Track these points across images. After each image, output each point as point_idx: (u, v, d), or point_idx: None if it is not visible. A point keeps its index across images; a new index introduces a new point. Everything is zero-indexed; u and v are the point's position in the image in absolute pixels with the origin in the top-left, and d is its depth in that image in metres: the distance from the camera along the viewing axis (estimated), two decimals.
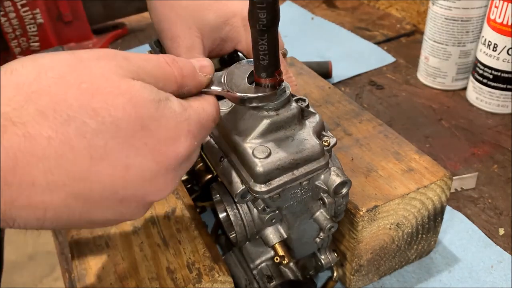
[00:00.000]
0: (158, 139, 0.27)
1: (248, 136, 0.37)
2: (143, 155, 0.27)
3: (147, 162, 0.27)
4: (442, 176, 0.48)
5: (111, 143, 0.26)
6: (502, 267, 0.55)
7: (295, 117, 0.38)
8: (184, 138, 0.29)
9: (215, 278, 0.40)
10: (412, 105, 0.83)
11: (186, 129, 0.29)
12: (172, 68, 0.31)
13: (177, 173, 0.30)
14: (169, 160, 0.28)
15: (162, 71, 0.30)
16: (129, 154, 0.26)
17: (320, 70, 0.87)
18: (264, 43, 0.33)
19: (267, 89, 0.35)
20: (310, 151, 0.37)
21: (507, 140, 0.74)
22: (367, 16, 1.16)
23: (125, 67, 0.28)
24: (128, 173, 0.27)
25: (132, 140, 0.26)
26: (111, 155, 0.26)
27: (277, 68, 0.35)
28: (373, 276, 0.52)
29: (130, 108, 0.26)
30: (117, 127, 0.26)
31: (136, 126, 0.26)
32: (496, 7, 0.72)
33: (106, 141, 0.25)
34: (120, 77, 0.27)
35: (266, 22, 0.31)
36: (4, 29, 0.97)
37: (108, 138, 0.26)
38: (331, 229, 0.43)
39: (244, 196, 0.38)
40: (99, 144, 0.25)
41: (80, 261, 0.43)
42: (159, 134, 0.28)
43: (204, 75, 0.33)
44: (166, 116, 0.28)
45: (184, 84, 0.32)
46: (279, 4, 0.32)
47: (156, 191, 0.29)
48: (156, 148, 0.28)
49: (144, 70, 0.29)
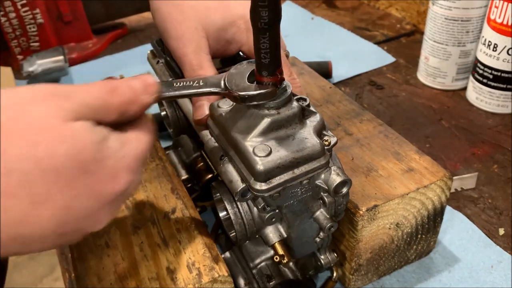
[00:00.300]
0: (98, 180, 0.28)
1: (249, 134, 0.37)
2: (83, 196, 0.28)
3: (87, 201, 0.28)
4: (442, 176, 0.48)
5: (53, 188, 0.26)
6: (502, 267, 0.55)
7: (296, 116, 0.38)
8: (122, 174, 0.30)
9: (215, 278, 0.40)
10: (412, 105, 0.83)
11: (125, 166, 0.30)
12: (113, 98, 0.31)
13: (116, 205, 0.31)
14: (108, 196, 0.29)
15: (103, 102, 0.30)
16: (70, 197, 0.27)
17: (320, 70, 0.87)
18: (265, 42, 0.33)
19: (268, 87, 0.35)
20: (311, 150, 0.37)
21: (507, 140, 0.74)
22: (367, 16, 1.16)
23: (66, 107, 0.28)
24: (68, 213, 0.28)
25: (74, 183, 0.27)
26: (52, 199, 0.26)
27: (278, 67, 0.35)
28: (372, 276, 0.52)
29: (72, 154, 0.27)
30: (59, 173, 0.26)
31: (78, 171, 0.27)
32: (496, 7, 0.72)
33: (48, 187, 0.26)
34: (61, 121, 0.27)
35: (267, 20, 0.31)
36: (4, 29, 0.97)
37: (50, 183, 0.26)
38: (331, 228, 0.43)
39: (244, 195, 0.38)
40: (41, 191, 0.26)
41: (80, 261, 0.43)
42: (99, 175, 0.28)
43: (148, 96, 0.33)
44: (105, 156, 0.29)
45: (125, 111, 0.32)
46: (281, 2, 0.32)
47: (95, 223, 0.30)
48: (96, 188, 0.28)
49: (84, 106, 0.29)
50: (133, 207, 0.47)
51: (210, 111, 0.42)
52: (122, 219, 0.46)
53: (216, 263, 0.41)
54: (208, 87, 0.37)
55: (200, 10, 0.46)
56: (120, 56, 1.04)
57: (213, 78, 0.38)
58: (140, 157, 0.32)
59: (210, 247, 0.43)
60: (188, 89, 0.37)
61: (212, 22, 0.46)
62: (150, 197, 0.48)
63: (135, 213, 0.47)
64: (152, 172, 0.52)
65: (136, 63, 0.96)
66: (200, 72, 0.44)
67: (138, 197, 0.48)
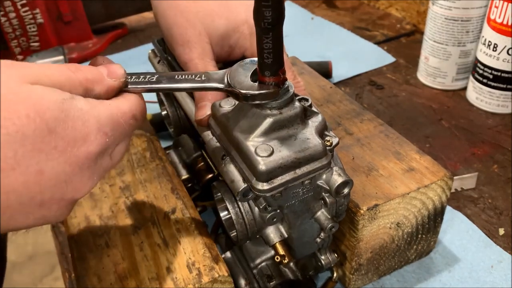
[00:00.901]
0: (67, 141, 0.28)
1: (251, 134, 0.37)
2: (54, 159, 0.27)
3: (59, 165, 0.28)
4: (442, 176, 0.48)
5: (20, 151, 0.26)
6: (502, 267, 0.55)
7: (298, 116, 0.38)
8: (94, 136, 0.29)
9: (215, 278, 0.40)
10: (412, 105, 0.83)
11: (96, 127, 0.29)
12: (76, 74, 0.30)
13: (95, 170, 0.31)
14: (81, 160, 0.29)
15: (66, 77, 0.30)
16: (40, 160, 0.27)
17: (320, 70, 0.87)
18: (268, 42, 0.33)
19: (270, 87, 0.35)
20: (313, 150, 0.37)
21: (507, 140, 0.74)
22: (367, 16, 1.16)
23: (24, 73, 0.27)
24: (42, 178, 0.27)
25: (41, 145, 0.26)
26: (22, 163, 0.26)
27: (281, 67, 0.35)
28: (372, 275, 0.52)
29: (33, 114, 0.26)
30: (24, 135, 0.26)
31: (43, 131, 0.26)
32: (496, 7, 0.72)
33: (15, 151, 0.26)
34: (19, 83, 0.27)
35: (271, 20, 0.31)
36: (4, 29, 0.97)
37: (17, 147, 0.26)
38: (332, 229, 0.43)
39: (246, 195, 0.38)
40: (9, 155, 0.25)
41: (80, 261, 0.43)
42: (67, 135, 0.28)
43: (113, 80, 0.33)
44: (72, 116, 0.28)
45: (90, 88, 0.31)
46: (284, 2, 0.32)
47: (74, 190, 0.30)
48: (66, 150, 0.28)
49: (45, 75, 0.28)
50: (133, 207, 0.47)
51: (212, 111, 0.42)
52: (122, 219, 0.46)
53: (216, 263, 0.41)
54: (211, 82, 0.37)
55: (204, 15, 0.46)
56: (120, 56, 1.04)
57: (216, 73, 0.38)
58: (117, 121, 0.31)
59: (210, 247, 0.43)
60: (190, 83, 0.37)
61: (216, 28, 0.46)
62: (150, 197, 0.48)
63: (135, 213, 0.47)
64: (152, 172, 0.52)
65: (136, 63, 0.96)
66: None
67: (138, 197, 0.48)
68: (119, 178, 0.51)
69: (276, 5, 0.31)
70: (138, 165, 0.53)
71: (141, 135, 0.58)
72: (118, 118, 0.31)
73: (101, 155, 0.31)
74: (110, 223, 0.46)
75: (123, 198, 0.49)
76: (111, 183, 0.51)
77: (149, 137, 0.57)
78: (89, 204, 0.48)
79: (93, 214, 0.47)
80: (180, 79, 0.37)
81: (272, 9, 0.31)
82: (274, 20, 0.31)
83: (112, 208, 0.48)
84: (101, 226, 0.46)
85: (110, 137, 0.31)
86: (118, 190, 0.50)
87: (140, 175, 0.51)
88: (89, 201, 0.49)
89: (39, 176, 0.27)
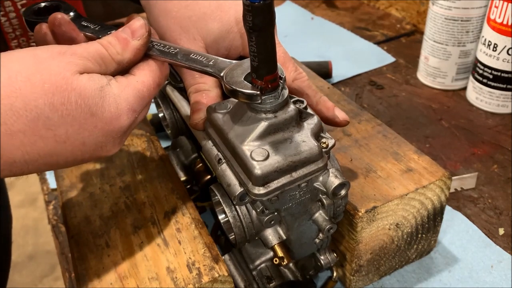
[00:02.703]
0: (104, 121, 0.35)
1: (246, 138, 0.37)
2: (95, 134, 0.35)
3: (97, 138, 0.35)
4: (441, 176, 0.48)
5: (70, 130, 0.33)
6: (502, 267, 0.55)
7: (293, 119, 0.38)
8: (125, 115, 0.36)
9: (215, 278, 0.40)
10: (412, 105, 0.83)
11: (126, 108, 0.36)
12: (108, 51, 0.37)
13: (123, 137, 0.38)
14: (115, 133, 0.36)
15: (101, 57, 0.36)
16: (84, 136, 0.34)
17: (320, 70, 0.87)
18: (253, 45, 0.33)
19: (255, 89, 0.36)
20: (308, 153, 0.37)
21: (507, 140, 0.74)
22: (367, 16, 1.16)
23: (74, 62, 0.34)
24: (84, 147, 0.35)
25: (85, 125, 0.34)
26: (71, 138, 0.34)
27: (268, 73, 0.35)
28: (373, 276, 0.53)
29: (80, 101, 0.33)
30: (73, 117, 0.33)
31: (87, 114, 0.34)
32: (496, 7, 0.72)
33: (66, 129, 0.33)
34: (71, 74, 0.33)
35: (252, 25, 0.31)
36: (4, 29, 0.97)
37: (68, 126, 0.33)
38: (330, 230, 0.43)
39: (242, 199, 0.38)
40: (61, 132, 0.33)
41: (80, 261, 0.43)
42: (104, 117, 0.35)
43: (138, 39, 0.38)
44: (108, 101, 0.35)
45: (120, 60, 0.37)
46: (271, 8, 0.31)
47: (106, 152, 0.37)
48: (104, 128, 0.35)
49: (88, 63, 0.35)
50: (133, 207, 0.47)
51: (208, 114, 0.42)
52: (122, 219, 0.46)
53: (216, 263, 0.41)
54: (214, 68, 0.39)
55: (197, 19, 0.46)
56: None
57: (223, 62, 0.39)
58: (143, 96, 0.37)
59: (210, 247, 0.43)
60: (199, 65, 0.39)
61: (210, 32, 0.46)
62: (150, 197, 0.48)
63: (135, 213, 0.47)
64: (152, 172, 0.52)
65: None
66: (201, 80, 0.45)
67: (138, 197, 0.49)
68: (119, 178, 0.51)
69: (257, 11, 0.31)
70: (138, 165, 0.53)
71: (141, 135, 0.58)
72: (144, 93, 0.37)
73: (131, 127, 0.37)
74: (110, 223, 0.46)
75: (123, 198, 0.49)
76: (111, 183, 0.51)
77: (149, 137, 0.57)
78: (89, 204, 0.48)
79: (93, 214, 0.47)
80: (193, 58, 0.40)
81: (253, 14, 0.31)
82: (255, 26, 0.31)
83: (112, 208, 0.48)
84: (101, 226, 0.46)
85: (138, 112, 0.37)
86: (118, 190, 0.50)
87: (140, 175, 0.51)
88: (89, 201, 0.49)
89: (82, 146, 0.35)
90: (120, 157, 0.54)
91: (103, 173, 0.52)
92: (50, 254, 1.67)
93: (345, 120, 0.46)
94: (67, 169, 0.53)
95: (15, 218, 0.78)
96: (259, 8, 0.31)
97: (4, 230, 0.69)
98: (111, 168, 0.53)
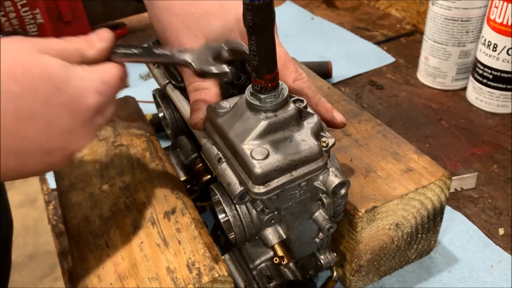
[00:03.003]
0: (70, 97, 0.34)
1: (246, 137, 0.37)
2: (60, 112, 0.33)
3: (64, 118, 0.34)
4: (441, 176, 0.48)
5: (34, 104, 0.32)
6: (502, 267, 0.55)
7: (293, 118, 0.38)
8: (91, 94, 0.35)
9: (215, 278, 0.40)
10: (412, 105, 0.83)
11: (91, 87, 0.35)
12: (71, 44, 0.37)
13: (93, 126, 0.37)
14: (82, 113, 0.35)
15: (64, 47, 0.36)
16: (49, 112, 0.33)
17: (320, 70, 0.87)
18: (253, 44, 0.33)
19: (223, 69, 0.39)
20: (308, 152, 0.37)
21: (507, 140, 0.74)
22: (367, 16, 1.16)
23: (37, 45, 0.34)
24: (50, 129, 0.33)
25: (50, 100, 0.33)
26: (35, 114, 0.32)
27: (268, 73, 0.35)
28: (373, 276, 0.53)
29: (44, 74, 0.33)
30: (37, 90, 0.32)
31: (51, 88, 0.33)
32: (496, 7, 0.72)
33: (29, 102, 0.32)
34: (32, 52, 0.33)
35: (252, 24, 0.31)
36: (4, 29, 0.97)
37: (31, 99, 0.32)
38: (330, 229, 0.43)
39: (242, 198, 0.38)
40: (24, 105, 0.32)
41: (80, 261, 0.43)
42: (69, 92, 0.34)
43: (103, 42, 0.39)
44: (72, 78, 0.34)
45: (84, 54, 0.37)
46: (270, 7, 0.32)
47: (75, 142, 0.36)
48: (69, 104, 0.34)
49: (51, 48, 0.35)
50: (133, 207, 0.47)
51: (207, 114, 0.42)
52: (122, 219, 0.46)
53: (216, 263, 0.41)
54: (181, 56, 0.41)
55: (200, 17, 0.46)
56: None
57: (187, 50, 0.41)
58: (108, 82, 0.37)
59: (210, 247, 0.43)
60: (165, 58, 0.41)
61: (212, 29, 0.46)
62: (150, 197, 0.48)
63: (135, 213, 0.47)
64: (152, 172, 0.52)
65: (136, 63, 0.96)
66: (200, 79, 0.45)
67: (138, 197, 0.49)
68: (119, 178, 0.51)
69: (257, 10, 0.31)
70: (138, 165, 0.53)
71: (141, 135, 0.58)
72: (108, 80, 0.37)
73: (98, 112, 0.36)
74: (110, 223, 0.46)
75: (123, 198, 0.49)
76: (111, 183, 0.51)
77: (149, 137, 0.57)
78: (89, 204, 0.48)
79: (93, 214, 0.47)
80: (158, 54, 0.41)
81: (253, 13, 0.31)
82: (255, 25, 0.31)
83: (112, 208, 0.48)
84: (101, 226, 0.46)
85: (103, 96, 0.36)
86: (118, 190, 0.50)
87: (140, 175, 0.51)
88: (89, 201, 0.49)
89: (49, 126, 0.33)
90: (120, 157, 0.54)
91: (103, 173, 0.52)
92: (50, 254, 1.67)
93: (342, 122, 0.47)
94: (67, 169, 0.53)
95: (15, 218, 0.78)
96: (259, 7, 0.31)
97: (4, 230, 0.69)
98: (111, 168, 0.53)
